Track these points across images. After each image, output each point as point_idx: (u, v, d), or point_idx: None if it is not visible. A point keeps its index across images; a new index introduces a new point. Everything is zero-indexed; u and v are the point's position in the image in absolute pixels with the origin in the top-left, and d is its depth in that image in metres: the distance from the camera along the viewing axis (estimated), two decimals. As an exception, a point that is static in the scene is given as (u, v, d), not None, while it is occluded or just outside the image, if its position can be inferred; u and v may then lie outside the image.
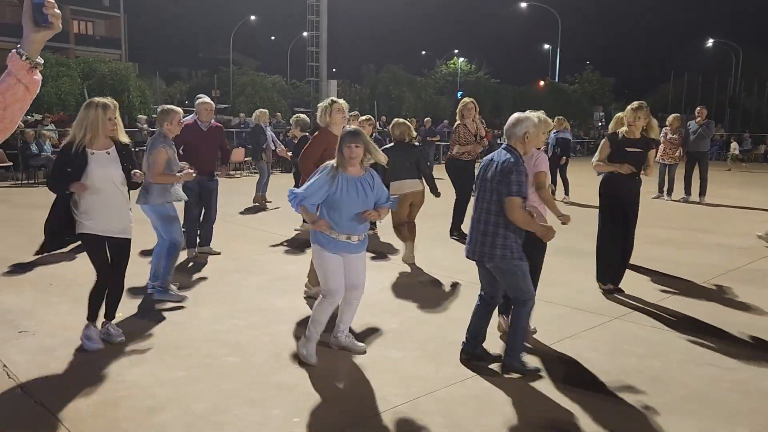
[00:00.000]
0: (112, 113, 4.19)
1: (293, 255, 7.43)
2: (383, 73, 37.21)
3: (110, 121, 4.18)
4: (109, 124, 4.18)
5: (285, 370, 4.02)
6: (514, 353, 3.99)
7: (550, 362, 4.22)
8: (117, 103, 4.35)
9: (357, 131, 3.96)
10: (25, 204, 11.23)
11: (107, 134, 4.24)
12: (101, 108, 4.16)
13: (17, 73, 1.71)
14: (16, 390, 3.65)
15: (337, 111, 5.36)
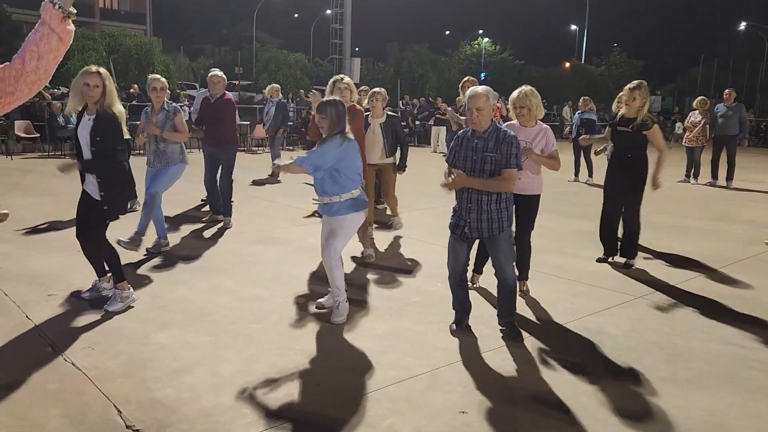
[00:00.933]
0: (88, 78, 4.22)
1: (314, 227, 7.47)
2: (407, 52, 36.93)
3: (86, 86, 4.22)
4: (84, 89, 4.23)
5: (307, 338, 4.07)
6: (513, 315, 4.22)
7: (573, 338, 4.22)
8: (106, 71, 4.36)
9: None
10: (53, 174, 11.36)
11: (85, 100, 4.30)
12: (80, 74, 4.29)
13: (51, 22, 1.72)
14: (47, 349, 3.74)
15: (340, 89, 5.59)
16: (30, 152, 14.88)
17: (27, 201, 8.26)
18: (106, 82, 4.28)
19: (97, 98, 4.27)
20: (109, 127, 4.31)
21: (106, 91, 4.28)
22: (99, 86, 4.24)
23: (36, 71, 1.72)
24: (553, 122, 27.25)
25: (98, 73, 4.25)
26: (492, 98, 3.96)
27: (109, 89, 4.31)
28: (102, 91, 4.27)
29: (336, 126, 4.17)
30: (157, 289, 4.96)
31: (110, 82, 4.34)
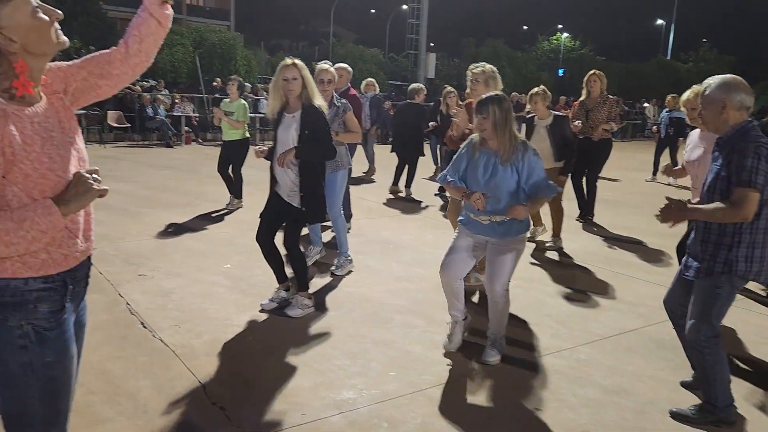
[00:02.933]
0: (286, 72, 4.05)
1: (388, 221, 7.56)
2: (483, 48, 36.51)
3: (285, 81, 4.07)
4: (284, 84, 4.07)
5: (382, 327, 4.13)
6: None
7: (658, 342, 4.09)
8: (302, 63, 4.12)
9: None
10: (141, 162, 12.02)
11: (286, 95, 4.12)
12: (277, 71, 4.11)
13: (150, 7, 1.82)
14: (138, 325, 3.97)
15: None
16: (121, 141, 15.71)
17: (119, 187, 8.73)
18: (303, 73, 4.08)
19: (298, 91, 4.08)
20: (318, 120, 4.12)
21: (305, 83, 4.10)
22: (297, 78, 4.05)
23: (138, 54, 1.84)
24: (635, 120, 26.29)
25: (294, 65, 4.06)
26: None
27: (308, 81, 4.11)
28: (302, 83, 4.08)
29: (505, 127, 3.47)
30: (239, 273, 5.15)
31: (308, 73, 4.14)
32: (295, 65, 4.07)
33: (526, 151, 3.49)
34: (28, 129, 1.55)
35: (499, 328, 3.71)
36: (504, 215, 3.48)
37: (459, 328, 3.82)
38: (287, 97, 4.12)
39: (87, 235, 1.76)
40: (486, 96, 3.55)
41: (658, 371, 3.64)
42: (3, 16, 1.51)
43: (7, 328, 1.61)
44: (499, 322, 3.70)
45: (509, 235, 3.55)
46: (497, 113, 3.43)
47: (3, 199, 1.53)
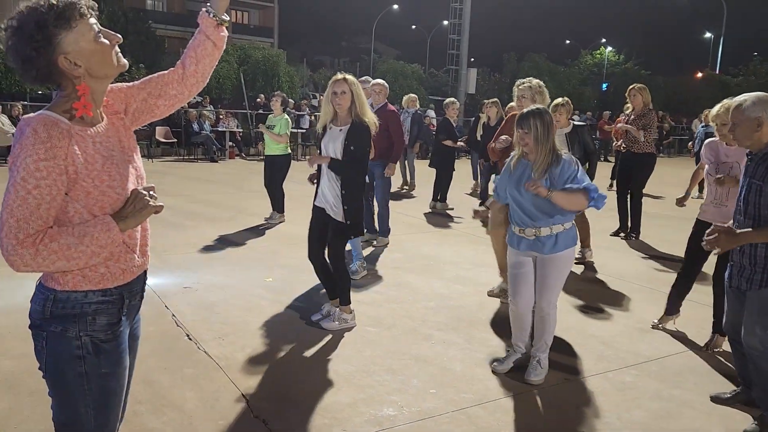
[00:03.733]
0: (335, 86, 4.13)
1: (427, 236, 7.55)
2: (524, 62, 36.29)
3: (334, 94, 4.13)
4: (333, 98, 4.14)
5: (422, 344, 4.12)
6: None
7: (707, 366, 3.97)
8: (353, 78, 4.20)
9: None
10: (187, 176, 12.31)
11: (335, 109, 4.18)
12: (329, 85, 4.19)
13: (206, 29, 1.89)
14: (184, 337, 4.05)
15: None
16: (167, 156, 16.13)
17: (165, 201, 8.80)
18: (353, 88, 4.13)
19: (347, 105, 4.13)
20: (363, 137, 4.15)
21: (354, 98, 4.14)
22: (347, 92, 4.10)
23: (194, 75, 1.91)
24: (681, 136, 25.69)
25: (344, 80, 4.11)
26: None
27: (357, 96, 4.15)
28: (351, 97, 4.13)
29: (546, 142, 3.43)
30: (281, 286, 5.22)
31: (358, 88, 4.18)
32: (345, 80, 4.14)
33: (559, 161, 3.43)
34: (90, 148, 1.63)
35: (543, 347, 3.64)
36: (550, 227, 3.45)
37: (514, 357, 3.77)
38: (336, 110, 4.19)
39: (143, 251, 1.83)
40: (527, 110, 3.50)
41: (708, 396, 3.53)
42: (68, 42, 1.59)
43: (66, 339, 1.67)
44: (545, 340, 3.63)
45: (556, 249, 3.48)
46: (539, 127, 3.39)
47: (65, 215, 1.61)
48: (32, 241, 1.52)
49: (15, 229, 1.51)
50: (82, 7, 1.60)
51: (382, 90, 6.52)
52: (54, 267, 1.56)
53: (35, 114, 1.59)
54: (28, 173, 1.51)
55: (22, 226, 1.51)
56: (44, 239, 1.53)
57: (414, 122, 11.11)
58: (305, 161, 4.66)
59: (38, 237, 1.53)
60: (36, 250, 1.52)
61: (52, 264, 1.55)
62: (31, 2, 1.57)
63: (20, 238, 1.51)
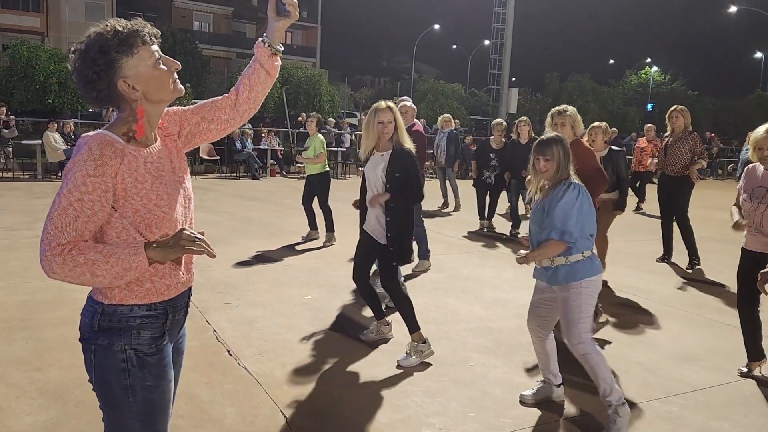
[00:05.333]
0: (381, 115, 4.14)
1: (467, 257, 7.50)
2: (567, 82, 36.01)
3: (380, 124, 4.15)
4: (379, 127, 4.16)
5: (461, 366, 4.08)
6: None
7: (758, 397, 3.82)
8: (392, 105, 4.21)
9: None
10: (229, 193, 12.55)
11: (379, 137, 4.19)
12: (371, 112, 4.22)
13: (261, 58, 1.95)
14: (224, 353, 4.11)
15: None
16: (210, 173, 16.48)
17: (207, 217, 9.15)
18: (397, 116, 4.18)
19: (391, 134, 4.17)
20: (409, 163, 4.16)
21: (397, 126, 4.18)
22: (392, 121, 4.14)
23: (247, 101, 1.96)
24: (732, 158, 25.01)
25: (389, 109, 4.15)
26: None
27: (399, 124, 4.19)
28: (394, 125, 4.17)
29: (565, 170, 3.32)
30: (320, 304, 5.25)
31: (399, 115, 4.24)
32: (390, 109, 4.15)
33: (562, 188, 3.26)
34: (141, 168, 1.69)
35: (607, 390, 3.24)
36: (565, 256, 3.26)
37: (547, 390, 3.59)
38: (380, 138, 4.21)
39: (188, 268, 1.88)
40: (548, 137, 3.37)
41: (760, 429, 3.39)
42: (128, 67, 1.66)
43: (112, 352, 1.72)
44: (602, 376, 3.25)
45: (574, 278, 3.26)
46: (561, 155, 3.28)
47: (112, 229, 1.66)
48: (61, 251, 1.58)
49: (50, 236, 1.58)
50: (144, 35, 1.68)
51: (409, 110, 6.63)
52: (79, 280, 1.61)
53: (94, 132, 1.67)
54: (75, 186, 1.58)
55: (56, 234, 1.58)
56: (73, 251, 1.59)
57: (450, 142, 11.12)
58: (345, 179, 4.69)
59: (68, 247, 1.58)
60: (63, 259, 1.57)
61: (77, 276, 1.60)
62: (99, 27, 1.65)
63: (52, 245, 1.57)
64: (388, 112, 4.14)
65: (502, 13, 30.44)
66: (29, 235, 7.35)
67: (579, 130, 4.76)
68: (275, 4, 1.90)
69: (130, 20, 1.69)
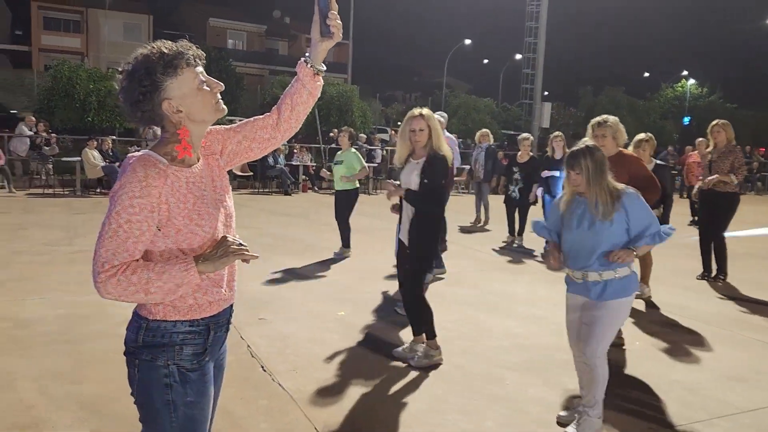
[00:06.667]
0: (414, 123, 4.16)
1: (499, 273, 7.43)
2: (601, 96, 35.62)
3: (412, 132, 4.16)
4: (411, 135, 4.17)
5: (495, 385, 4.02)
6: None
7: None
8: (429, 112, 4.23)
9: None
10: (261, 209, 12.69)
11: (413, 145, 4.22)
12: (404, 121, 4.21)
13: (303, 78, 1.96)
14: (259, 369, 4.12)
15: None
16: (243, 188, 16.70)
17: (241, 233, 9.20)
18: (431, 123, 4.15)
19: (424, 141, 4.16)
20: (440, 170, 4.14)
21: (432, 132, 4.17)
22: (425, 129, 4.14)
23: (289, 120, 1.98)
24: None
25: (422, 116, 4.15)
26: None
27: (434, 129, 4.17)
28: (428, 133, 4.16)
29: (600, 180, 3.21)
30: (352, 320, 5.24)
31: (434, 122, 4.20)
32: (422, 116, 4.15)
33: (624, 198, 3.19)
34: (183, 188, 1.72)
35: (592, 401, 3.28)
36: (599, 272, 3.22)
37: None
38: (414, 146, 4.22)
39: (230, 285, 1.90)
40: (576, 149, 3.28)
41: (809, 455, 3.26)
42: (173, 88, 1.70)
43: (155, 367, 1.74)
44: (593, 395, 3.28)
45: (604, 297, 3.20)
46: (590, 167, 3.19)
47: (156, 248, 1.70)
48: (115, 272, 1.61)
49: (103, 258, 1.61)
50: (189, 57, 1.72)
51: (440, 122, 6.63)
52: (133, 298, 1.64)
53: (138, 153, 1.70)
54: (123, 208, 1.61)
55: (108, 257, 1.61)
56: (126, 271, 1.62)
57: (488, 157, 11.05)
58: (377, 195, 4.71)
59: (121, 268, 1.62)
60: (117, 280, 1.60)
61: (132, 295, 1.63)
62: (146, 50, 1.69)
63: (106, 267, 1.61)
64: (421, 120, 4.15)
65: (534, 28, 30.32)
66: (69, 250, 7.53)
67: (621, 140, 4.68)
68: (319, 24, 1.91)
69: (176, 42, 1.73)
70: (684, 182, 16.12)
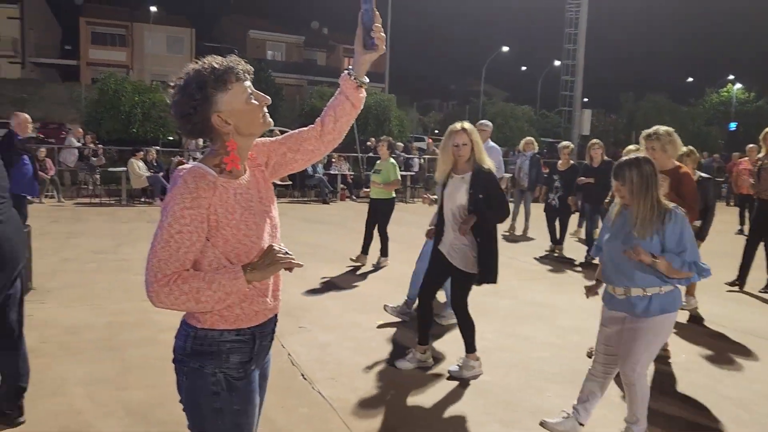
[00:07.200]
0: (456, 137, 4.14)
1: (539, 283, 7.33)
2: (643, 102, 34.94)
3: (455, 147, 4.15)
4: (454, 150, 4.16)
5: (537, 397, 3.97)
6: None
7: None
8: (471, 126, 4.18)
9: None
10: (300, 217, 12.81)
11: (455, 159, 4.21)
12: (446, 135, 4.20)
13: (346, 90, 1.98)
14: (299, 377, 4.16)
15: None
16: (282, 197, 16.88)
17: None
18: (473, 137, 4.13)
19: (467, 156, 4.15)
20: (490, 182, 4.12)
21: (474, 146, 4.14)
22: (467, 143, 4.11)
23: (332, 132, 2.01)
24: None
25: (464, 130, 4.12)
26: None
27: (476, 143, 4.15)
28: (471, 147, 4.14)
29: (646, 194, 3.10)
30: (390, 330, 5.24)
31: (476, 136, 4.18)
32: (465, 130, 4.12)
33: (668, 219, 3.06)
34: (231, 199, 1.75)
35: (633, 419, 3.22)
36: (643, 288, 3.12)
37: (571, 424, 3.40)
38: (457, 160, 4.19)
39: (275, 295, 1.93)
40: (624, 160, 3.21)
41: None
42: (222, 102, 1.74)
43: (203, 375, 1.78)
44: (634, 412, 3.21)
45: (648, 313, 3.10)
46: (635, 179, 3.09)
47: (204, 259, 1.73)
48: (167, 281, 1.64)
49: (155, 268, 1.64)
50: (239, 72, 1.75)
51: (485, 131, 6.97)
52: (184, 307, 1.67)
53: (189, 165, 1.75)
54: (174, 219, 1.65)
55: (161, 267, 1.64)
56: (178, 280, 1.65)
57: (532, 165, 10.95)
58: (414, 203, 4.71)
59: (173, 278, 1.65)
60: (169, 289, 1.64)
61: (183, 304, 1.66)
62: (198, 65, 1.74)
63: (158, 277, 1.64)
64: (463, 134, 4.12)
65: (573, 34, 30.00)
66: (115, 258, 7.73)
67: (675, 151, 4.50)
68: (362, 37, 1.91)
69: (225, 57, 1.78)
70: (732, 190, 15.68)
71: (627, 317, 3.20)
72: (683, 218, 3.10)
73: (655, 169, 3.14)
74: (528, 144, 11.32)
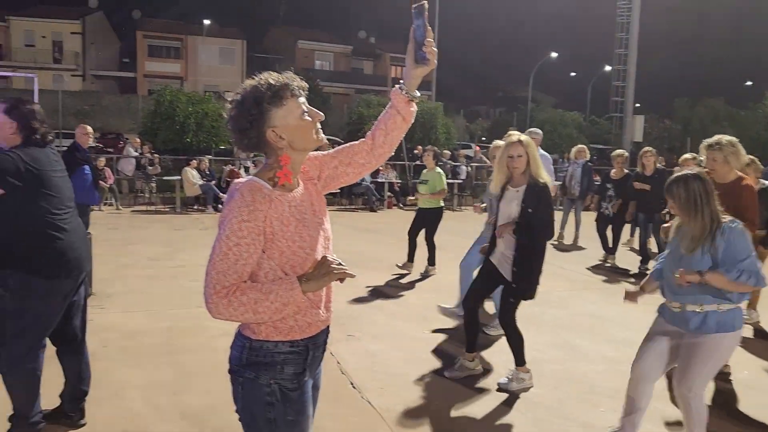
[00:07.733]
0: (512, 149, 4.10)
1: (591, 293, 7.18)
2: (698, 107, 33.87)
3: (510, 158, 4.10)
4: (509, 161, 4.11)
5: (590, 411, 3.89)
6: None
7: None
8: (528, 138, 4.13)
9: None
10: (347, 225, 12.91)
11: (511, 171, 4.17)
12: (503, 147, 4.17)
13: (397, 105, 2.00)
14: (348, 385, 4.19)
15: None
16: (330, 205, 17.03)
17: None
18: (529, 150, 4.08)
19: (523, 168, 4.09)
20: (542, 199, 4.05)
21: (530, 159, 4.09)
22: (523, 155, 4.06)
23: (383, 145, 2.03)
24: None
25: (520, 142, 4.07)
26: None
27: (533, 157, 4.09)
28: (527, 159, 4.08)
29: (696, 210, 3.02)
30: (439, 339, 5.22)
31: (533, 149, 4.12)
32: (521, 142, 4.08)
33: (721, 234, 2.97)
34: (286, 212, 1.79)
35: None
36: (699, 304, 3.02)
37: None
38: (512, 172, 4.16)
39: (327, 306, 1.96)
40: (674, 177, 3.14)
41: None
42: (277, 117, 1.79)
43: (258, 385, 1.82)
44: (692, 429, 3.11)
45: (703, 330, 3.01)
46: (682, 197, 3.04)
47: (260, 270, 1.77)
48: (226, 293, 1.69)
49: (214, 280, 1.69)
50: (294, 88, 1.81)
51: (535, 139, 6.72)
52: (242, 318, 1.72)
53: (245, 179, 1.80)
54: (232, 232, 1.70)
55: (220, 279, 1.69)
56: (236, 292, 1.69)
57: (584, 173, 10.75)
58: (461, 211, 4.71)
59: (232, 289, 1.69)
60: (228, 300, 1.68)
61: (241, 315, 1.70)
62: (255, 81, 1.80)
63: (217, 288, 1.69)
64: (519, 146, 4.07)
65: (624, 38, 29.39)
66: (171, 265, 7.95)
67: (739, 162, 4.31)
68: (414, 52, 1.91)
69: (282, 73, 1.83)
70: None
71: (684, 333, 3.12)
72: (740, 231, 3.00)
73: (706, 186, 3.04)
74: (580, 152, 11.12)
